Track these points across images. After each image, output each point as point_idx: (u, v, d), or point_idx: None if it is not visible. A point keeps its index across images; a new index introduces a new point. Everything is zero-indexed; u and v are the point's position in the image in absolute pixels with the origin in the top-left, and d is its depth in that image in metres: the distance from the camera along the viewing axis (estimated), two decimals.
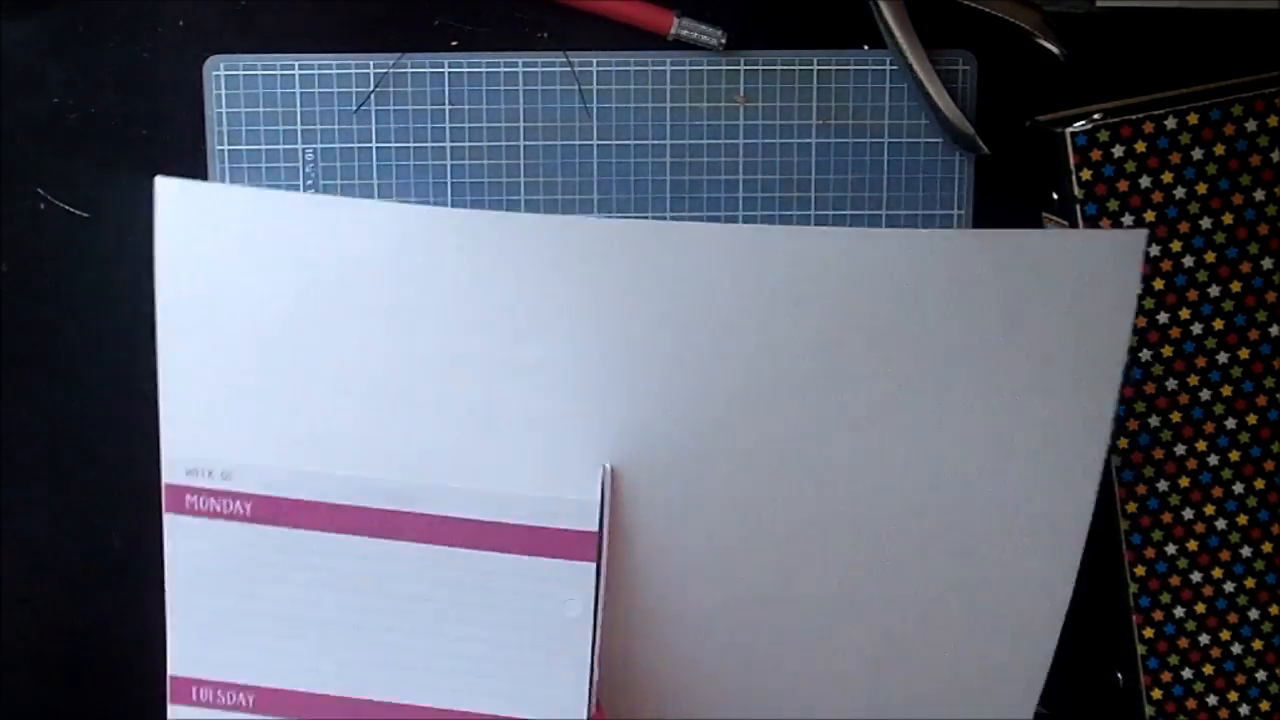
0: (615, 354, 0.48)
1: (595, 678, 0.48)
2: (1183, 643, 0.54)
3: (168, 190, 0.48)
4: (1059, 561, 0.51)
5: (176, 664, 0.51)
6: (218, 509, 0.49)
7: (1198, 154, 0.50)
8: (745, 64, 0.52)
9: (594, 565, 0.49)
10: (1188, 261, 0.51)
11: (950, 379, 0.49)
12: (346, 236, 0.48)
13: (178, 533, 0.50)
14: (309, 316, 0.48)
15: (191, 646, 0.51)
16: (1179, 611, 0.54)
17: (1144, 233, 0.48)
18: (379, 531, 0.50)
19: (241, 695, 0.51)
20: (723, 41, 0.51)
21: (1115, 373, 0.49)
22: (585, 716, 0.49)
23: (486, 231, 0.48)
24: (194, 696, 0.51)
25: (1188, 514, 0.53)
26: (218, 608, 0.50)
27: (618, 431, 0.49)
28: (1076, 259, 0.48)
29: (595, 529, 0.49)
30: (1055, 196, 0.51)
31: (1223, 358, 0.52)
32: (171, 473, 0.49)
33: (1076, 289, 0.48)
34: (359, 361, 0.49)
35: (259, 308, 0.48)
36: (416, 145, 0.53)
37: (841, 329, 0.48)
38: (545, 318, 0.48)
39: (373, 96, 0.52)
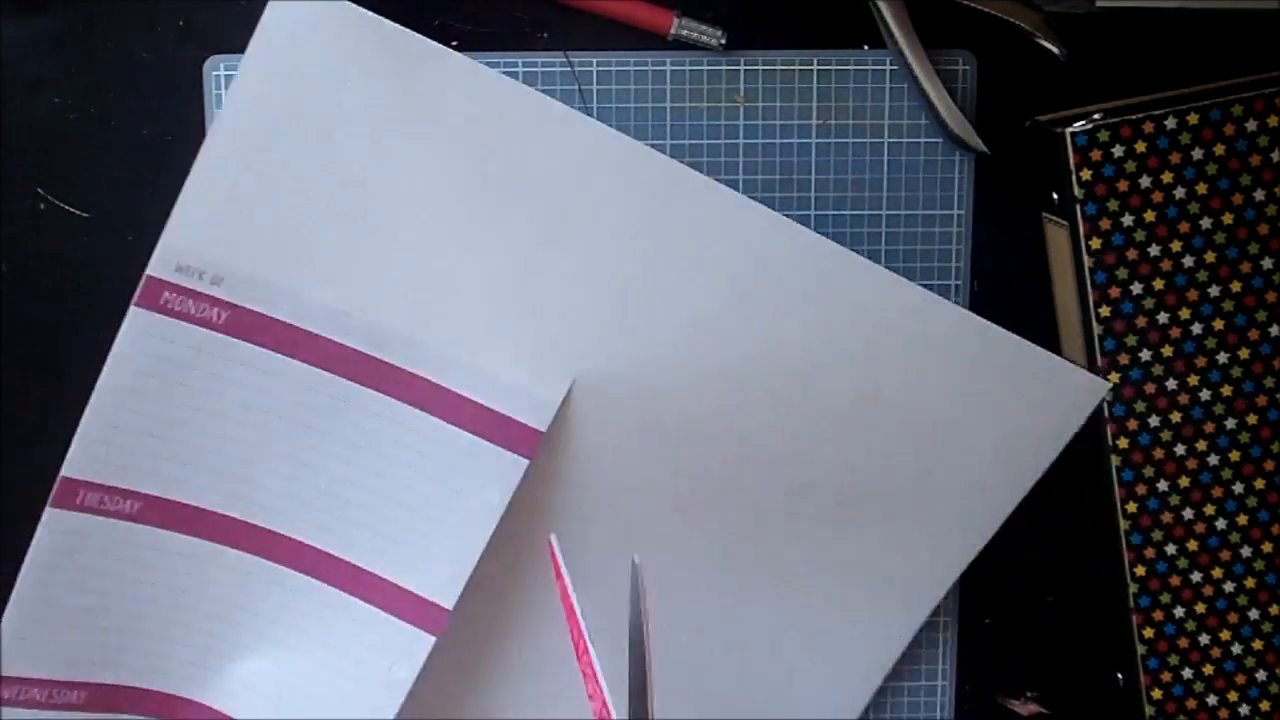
0: (623, 284, 0.49)
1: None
2: (1183, 643, 0.54)
3: None
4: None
5: (73, 465, 0.49)
6: (190, 311, 0.48)
7: (1198, 154, 0.50)
8: (745, 64, 0.52)
9: (527, 463, 0.49)
10: (1188, 261, 0.51)
11: (890, 411, 0.51)
12: (438, 87, 0.48)
13: (136, 328, 0.48)
14: (363, 151, 0.48)
15: (96, 449, 0.49)
16: (1179, 611, 0.54)
17: (1106, 385, 0.51)
18: (342, 370, 0.49)
19: (128, 502, 0.50)
20: (722, 41, 0.51)
21: (1012, 502, 0.52)
22: (450, 603, 0.50)
23: (563, 130, 0.48)
24: (78, 500, 0.49)
25: (1188, 514, 0.53)
26: (141, 411, 0.49)
27: (598, 355, 0.50)
28: (1043, 379, 0.51)
29: (543, 429, 0.49)
30: (1055, 196, 0.51)
31: (1223, 358, 0.52)
32: (160, 267, 0.48)
33: (1027, 404, 0.51)
34: (388, 208, 0.48)
35: (323, 129, 0.48)
36: None
37: (824, 349, 0.50)
38: (572, 228, 0.49)
39: None
